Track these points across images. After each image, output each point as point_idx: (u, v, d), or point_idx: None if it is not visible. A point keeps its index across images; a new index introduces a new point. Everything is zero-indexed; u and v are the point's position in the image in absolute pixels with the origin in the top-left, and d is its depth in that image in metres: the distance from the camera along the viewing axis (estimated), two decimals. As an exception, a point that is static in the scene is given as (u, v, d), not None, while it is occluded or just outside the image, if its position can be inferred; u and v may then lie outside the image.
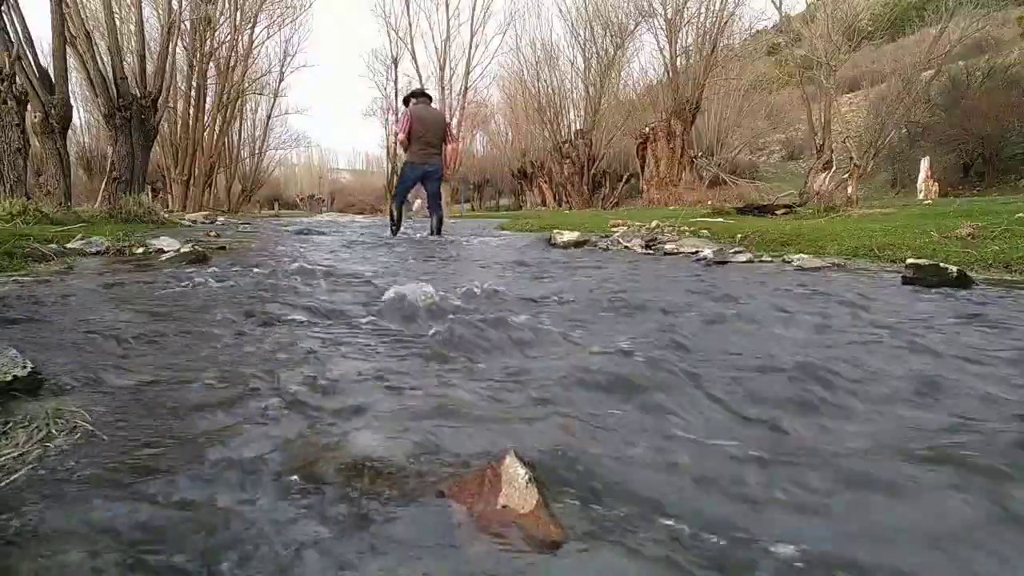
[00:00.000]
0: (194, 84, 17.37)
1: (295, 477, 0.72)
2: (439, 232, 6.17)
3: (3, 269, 2.55)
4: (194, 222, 8.48)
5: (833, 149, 12.47)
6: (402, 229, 6.41)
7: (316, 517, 0.63)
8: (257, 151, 25.07)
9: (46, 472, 0.72)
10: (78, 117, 19.18)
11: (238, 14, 19.20)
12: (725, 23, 16.63)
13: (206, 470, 0.73)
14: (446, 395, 1.04)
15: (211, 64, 18.28)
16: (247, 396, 1.01)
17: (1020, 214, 3.83)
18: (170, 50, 11.23)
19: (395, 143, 21.93)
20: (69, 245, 3.45)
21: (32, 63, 7.03)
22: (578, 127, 21.33)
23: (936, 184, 11.81)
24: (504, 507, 0.64)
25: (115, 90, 8.75)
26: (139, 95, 9.19)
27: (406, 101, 6.25)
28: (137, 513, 0.63)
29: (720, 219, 6.74)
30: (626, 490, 0.71)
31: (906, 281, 2.36)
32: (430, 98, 6.42)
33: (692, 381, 1.09)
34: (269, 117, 24.71)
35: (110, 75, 8.78)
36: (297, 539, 0.60)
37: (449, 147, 6.22)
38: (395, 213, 6.33)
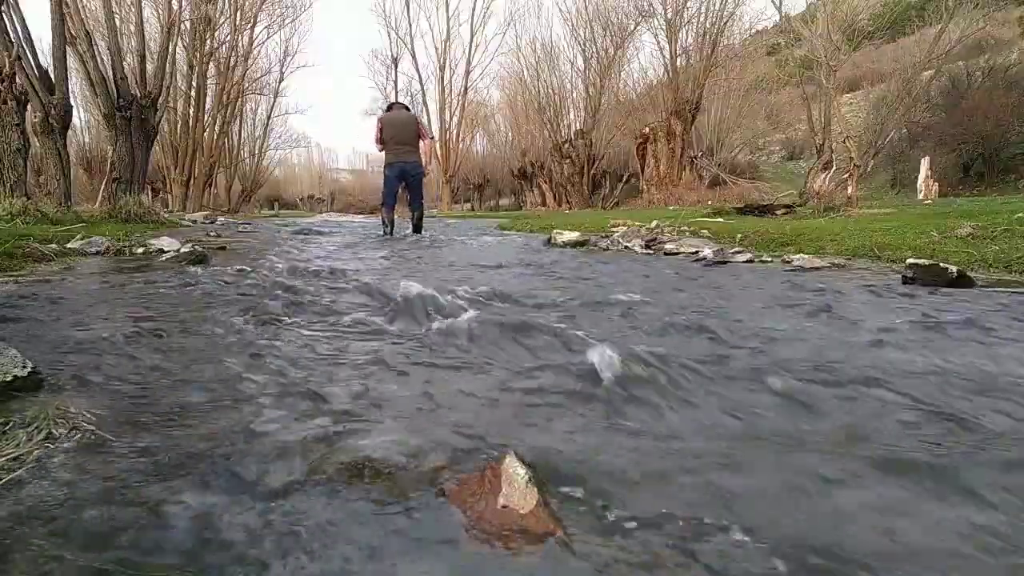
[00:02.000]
0: (194, 84, 17.35)
1: (294, 477, 0.72)
2: (418, 229, 6.45)
3: (3, 269, 2.55)
4: (194, 222, 8.48)
5: (833, 149, 12.46)
6: (398, 231, 6.53)
7: (315, 517, 0.63)
8: (257, 151, 25.05)
9: (46, 472, 0.72)
10: (78, 117, 19.16)
11: (238, 14, 19.19)
12: (725, 23, 16.63)
13: (205, 470, 0.73)
14: (444, 395, 1.04)
15: (211, 64, 18.26)
16: (246, 396, 1.01)
17: (1020, 214, 3.83)
18: (170, 50, 11.23)
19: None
20: (69, 245, 3.45)
21: (32, 63, 7.01)
22: (578, 127, 21.31)
23: (936, 184, 11.79)
24: (504, 507, 0.64)
25: (115, 90, 8.74)
26: (139, 95, 9.18)
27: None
28: (136, 513, 0.63)
29: (720, 219, 6.74)
30: (626, 488, 0.71)
31: (906, 281, 2.36)
32: (406, 107, 6.94)
33: (691, 382, 1.09)
34: (269, 117, 24.71)
35: (110, 75, 8.77)
36: (296, 539, 0.60)
37: (424, 144, 6.49)
38: (386, 217, 6.55)
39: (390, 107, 6.83)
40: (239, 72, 19.90)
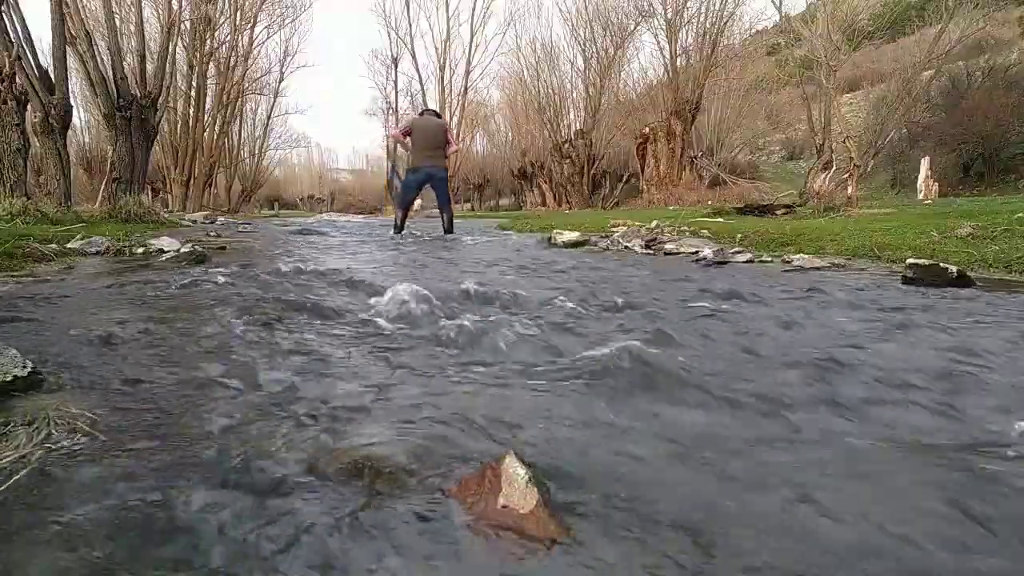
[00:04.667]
0: (194, 84, 17.35)
1: (295, 477, 0.72)
2: (451, 230, 6.61)
3: (3, 269, 2.55)
4: (194, 222, 8.48)
5: (833, 149, 12.46)
6: (405, 230, 6.60)
7: (316, 517, 0.63)
8: (257, 151, 25.06)
9: (46, 473, 0.72)
10: (78, 117, 19.15)
11: (238, 14, 19.20)
12: (725, 23, 16.62)
13: (206, 471, 0.73)
14: (445, 394, 1.04)
15: (211, 64, 18.26)
16: (247, 396, 1.01)
17: (1020, 214, 3.83)
18: (170, 50, 11.23)
19: (393, 144, 22.20)
20: (69, 245, 3.44)
21: (32, 63, 7.01)
22: (578, 127, 21.30)
23: (936, 184, 11.80)
24: (504, 507, 0.64)
25: (115, 90, 8.74)
26: (139, 95, 9.19)
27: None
28: (136, 514, 0.63)
29: (720, 219, 6.74)
30: (626, 485, 0.71)
31: (906, 281, 2.36)
32: (437, 114, 7.18)
33: (689, 381, 1.09)
34: (269, 117, 24.73)
35: (110, 75, 8.77)
36: (297, 540, 0.60)
37: (450, 150, 6.73)
38: (398, 216, 6.69)
39: (422, 113, 6.99)
40: (239, 72, 19.90)
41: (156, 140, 11.00)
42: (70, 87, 7.78)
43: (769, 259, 3.39)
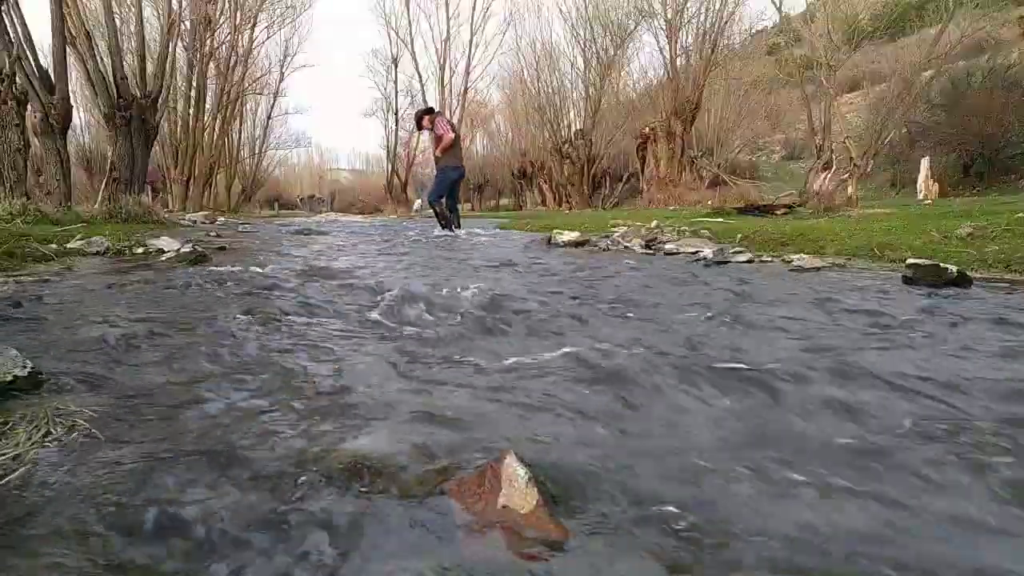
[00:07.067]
0: (194, 84, 17.35)
1: (295, 477, 0.72)
2: (459, 225, 7.06)
3: (3, 269, 2.55)
4: (194, 222, 8.46)
5: (833, 149, 12.44)
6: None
7: (316, 517, 0.63)
8: (257, 151, 25.07)
9: (46, 471, 0.72)
10: (78, 117, 19.10)
11: (238, 14, 19.20)
12: (725, 23, 16.63)
13: (205, 470, 0.73)
14: (444, 393, 1.04)
15: (211, 64, 18.26)
16: (245, 395, 1.01)
17: (1020, 214, 3.83)
18: (170, 50, 11.23)
19: (395, 144, 22.12)
20: (69, 245, 3.44)
21: (32, 63, 7.02)
22: (578, 127, 21.30)
23: (936, 184, 11.79)
24: (504, 507, 0.64)
25: (115, 90, 8.74)
26: (139, 95, 9.18)
27: (420, 119, 7.12)
28: (136, 514, 0.63)
29: (720, 219, 6.74)
30: (624, 481, 0.70)
31: (906, 281, 2.36)
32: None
33: (688, 381, 1.09)
34: (269, 117, 24.73)
35: (110, 75, 8.77)
36: (297, 540, 0.60)
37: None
38: (441, 212, 6.96)
39: (430, 111, 7.22)
40: (239, 72, 19.89)
41: (156, 140, 11.00)
42: (70, 87, 7.78)
43: (769, 259, 3.39)
